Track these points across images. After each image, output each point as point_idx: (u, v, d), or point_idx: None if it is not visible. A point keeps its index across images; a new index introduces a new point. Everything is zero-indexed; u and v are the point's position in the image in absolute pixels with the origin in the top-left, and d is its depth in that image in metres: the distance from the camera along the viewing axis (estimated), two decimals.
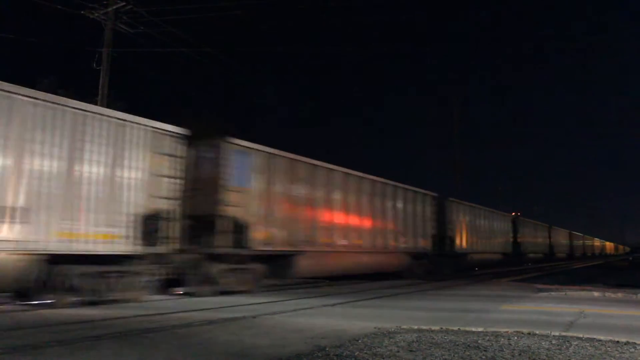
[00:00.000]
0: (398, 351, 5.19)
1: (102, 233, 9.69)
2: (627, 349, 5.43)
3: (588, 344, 5.63)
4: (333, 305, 10.07)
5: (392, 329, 6.54)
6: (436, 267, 22.39)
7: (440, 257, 22.92)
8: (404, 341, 5.72)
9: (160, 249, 10.66)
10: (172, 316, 7.98)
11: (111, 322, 7.19)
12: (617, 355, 5.16)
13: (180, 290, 11.77)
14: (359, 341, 5.70)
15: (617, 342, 5.78)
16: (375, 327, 6.66)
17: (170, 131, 11.22)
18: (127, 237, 10.03)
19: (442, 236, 23.52)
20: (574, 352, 5.21)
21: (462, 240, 25.69)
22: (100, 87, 16.78)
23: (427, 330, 6.49)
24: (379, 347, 5.39)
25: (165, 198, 10.87)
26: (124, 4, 16.99)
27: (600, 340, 5.84)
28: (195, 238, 11.57)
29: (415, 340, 5.79)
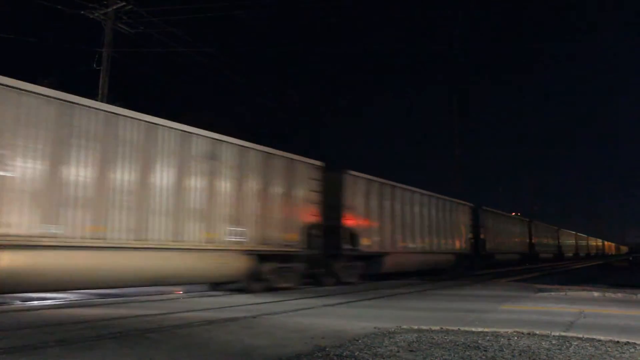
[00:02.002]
0: (398, 351, 5.19)
1: (287, 240, 13.62)
2: (627, 349, 5.43)
3: (588, 344, 5.62)
4: (333, 305, 10.08)
5: (392, 329, 6.54)
6: (473, 265, 26.73)
7: (475, 257, 27.19)
8: (404, 341, 5.72)
9: (311, 251, 14.42)
10: (172, 316, 7.98)
11: (111, 322, 7.20)
12: (617, 355, 5.15)
13: (309, 281, 15.29)
14: (359, 341, 5.69)
15: (617, 342, 5.76)
16: (375, 327, 6.66)
17: (316, 164, 15.00)
18: (298, 242, 13.96)
19: (476, 239, 27.69)
20: (574, 352, 5.21)
21: (490, 242, 29.83)
22: (100, 87, 16.79)
23: (427, 330, 6.49)
24: (379, 347, 5.39)
25: (313, 215, 14.63)
26: (124, 4, 16.99)
27: (600, 340, 5.82)
28: (325, 243, 15.10)
29: (415, 340, 5.79)
